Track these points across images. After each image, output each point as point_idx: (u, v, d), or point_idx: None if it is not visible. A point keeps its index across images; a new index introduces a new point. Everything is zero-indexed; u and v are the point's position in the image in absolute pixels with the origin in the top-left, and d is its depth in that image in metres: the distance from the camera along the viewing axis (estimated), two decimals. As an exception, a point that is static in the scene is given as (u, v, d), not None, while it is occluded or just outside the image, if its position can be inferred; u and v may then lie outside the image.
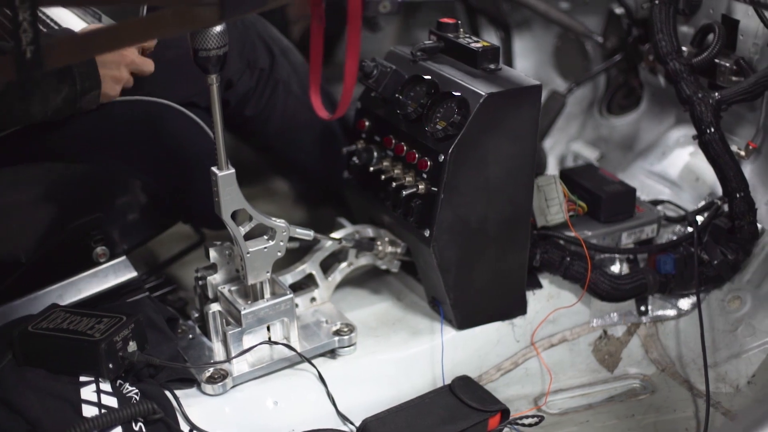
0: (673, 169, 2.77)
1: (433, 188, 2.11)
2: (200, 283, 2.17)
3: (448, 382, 2.20)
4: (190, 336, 2.18)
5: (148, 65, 2.07)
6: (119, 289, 2.23)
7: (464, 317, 2.26)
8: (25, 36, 1.47)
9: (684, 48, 2.51)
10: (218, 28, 1.82)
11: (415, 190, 2.13)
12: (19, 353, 1.94)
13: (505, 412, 2.13)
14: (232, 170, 1.96)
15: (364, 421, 2.06)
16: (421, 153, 2.14)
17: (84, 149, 2.14)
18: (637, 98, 3.09)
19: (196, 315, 2.23)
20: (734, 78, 2.47)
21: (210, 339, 2.16)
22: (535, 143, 2.16)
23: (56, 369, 1.92)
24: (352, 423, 2.07)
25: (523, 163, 2.16)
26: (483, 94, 2.05)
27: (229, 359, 2.06)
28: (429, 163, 2.11)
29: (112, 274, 2.23)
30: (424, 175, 2.12)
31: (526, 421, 2.15)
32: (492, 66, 2.18)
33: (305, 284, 2.30)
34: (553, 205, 2.34)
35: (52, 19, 2.14)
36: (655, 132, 2.94)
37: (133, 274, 2.24)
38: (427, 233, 2.12)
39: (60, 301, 2.15)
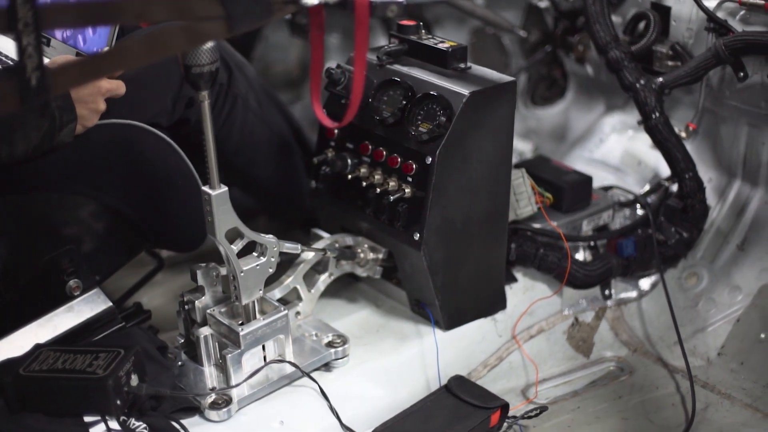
0: (614, 155, 2.85)
1: (419, 191, 2.09)
2: (186, 307, 2.09)
3: (441, 383, 2.21)
4: (180, 363, 2.10)
5: (120, 87, 2.00)
6: (95, 321, 2.12)
7: (451, 317, 2.26)
8: (30, 61, 1.39)
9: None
10: (210, 43, 1.76)
11: (401, 194, 2.11)
12: (13, 399, 1.84)
13: (504, 407, 2.14)
14: (225, 188, 1.89)
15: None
16: (403, 157, 2.12)
17: (59, 178, 2.04)
18: (561, 89, 3.16)
19: (182, 341, 2.14)
20: (670, 63, 2.56)
21: (201, 364, 2.08)
22: (512, 138, 2.18)
23: (56, 412, 1.83)
24: (357, 434, 2.05)
25: (502, 159, 2.18)
26: (465, 93, 2.05)
27: (236, 384, 1.98)
28: (414, 166, 2.09)
29: (86, 307, 2.11)
30: (409, 179, 2.11)
31: (530, 414, 2.17)
32: (462, 65, 2.19)
33: (286, 299, 2.24)
34: (521, 198, 2.37)
35: None
36: (585, 120, 3.02)
37: (108, 304, 2.13)
38: (416, 237, 2.10)
39: (36, 340, 2.02)
